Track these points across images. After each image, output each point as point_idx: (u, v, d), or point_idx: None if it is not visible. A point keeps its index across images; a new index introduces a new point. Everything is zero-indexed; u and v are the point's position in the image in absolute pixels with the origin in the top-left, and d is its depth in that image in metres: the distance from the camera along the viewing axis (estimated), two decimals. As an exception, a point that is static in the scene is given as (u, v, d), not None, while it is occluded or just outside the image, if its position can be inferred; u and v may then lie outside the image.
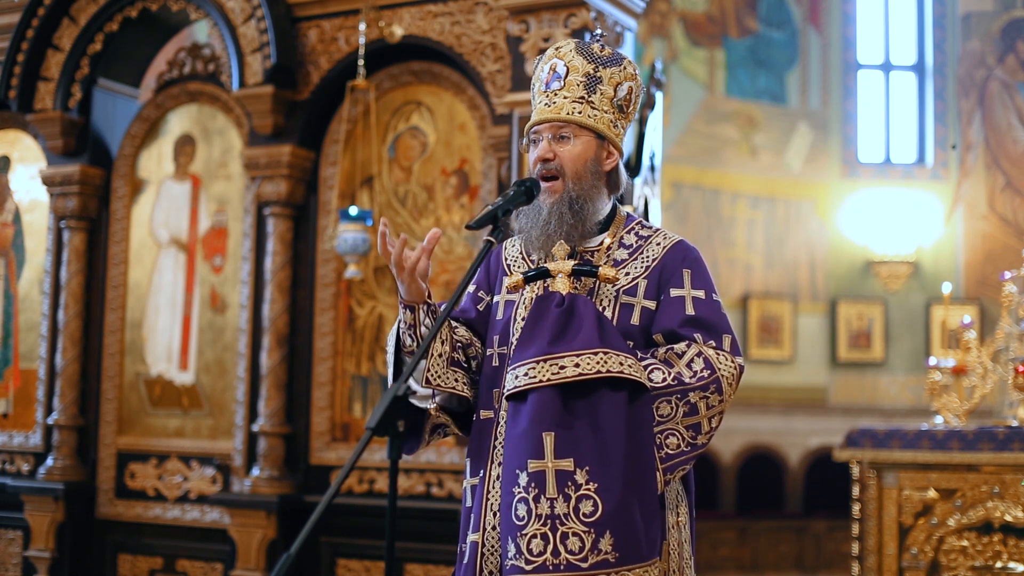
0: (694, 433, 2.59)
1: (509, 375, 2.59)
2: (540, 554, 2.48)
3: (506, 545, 2.53)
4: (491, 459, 2.65)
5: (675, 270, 2.68)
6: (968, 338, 5.72)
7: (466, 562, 2.66)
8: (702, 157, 11.43)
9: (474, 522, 2.65)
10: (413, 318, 2.66)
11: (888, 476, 5.19)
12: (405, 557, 5.58)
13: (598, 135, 2.70)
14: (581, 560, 2.46)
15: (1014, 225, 11.50)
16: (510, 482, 2.54)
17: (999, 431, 5.03)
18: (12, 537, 6.48)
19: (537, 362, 2.53)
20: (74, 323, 6.43)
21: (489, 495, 2.63)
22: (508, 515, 2.53)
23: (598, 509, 2.47)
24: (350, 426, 5.94)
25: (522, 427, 2.54)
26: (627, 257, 2.71)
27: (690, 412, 2.58)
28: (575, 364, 2.52)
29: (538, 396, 2.53)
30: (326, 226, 5.99)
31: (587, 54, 2.71)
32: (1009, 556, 4.95)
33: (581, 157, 2.68)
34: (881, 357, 11.54)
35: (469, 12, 5.68)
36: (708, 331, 2.64)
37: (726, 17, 11.79)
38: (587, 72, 2.69)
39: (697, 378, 2.58)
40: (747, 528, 10.54)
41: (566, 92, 2.69)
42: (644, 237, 2.74)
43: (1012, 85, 11.68)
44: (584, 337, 2.54)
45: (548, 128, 2.69)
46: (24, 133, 6.82)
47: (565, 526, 2.48)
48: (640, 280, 2.68)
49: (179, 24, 6.68)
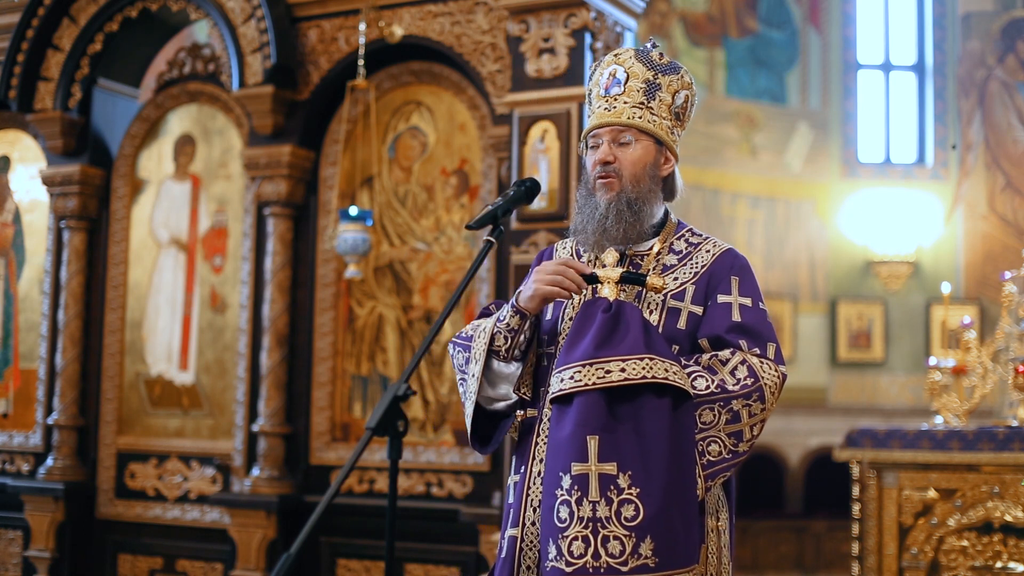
0: (736, 440, 2.60)
1: (554, 378, 2.60)
2: (581, 556, 2.49)
3: (546, 547, 2.54)
4: (532, 456, 2.69)
5: (723, 277, 2.71)
6: (968, 338, 5.72)
7: (504, 556, 2.68)
8: (702, 157, 11.42)
9: (513, 517, 2.68)
10: (520, 324, 2.69)
11: (888, 476, 5.19)
12: (405, 557, 5.58)
13: (657, 140, 2.73)
14: (621, 564, 2.47)
15: (1014, 225, 11.50)
16: (552, 484, 2.56)
17: (999, 431, 5.03)
18: (12, 537, 6.48)
19: (583, 366, 2.55)
20: (74, 323, 6.43)
21: (529, 491, 2.66)
22: (549, 517, 2.54)
23: (639, 514, 2.49)
24: (350, 426, 5.94)
25: (567, 430, 2.55)
26: (676, 263, 2.74)
27: (732, 420, 2.59)
28: (621, 369, 2.53)
29: (583, 400, 2.54)
30: (326, 226, 5.99)
31: (647, 61, 2.74)
32: (1009, 556, 4.95)
33: (641, 161, 2.71)
34: (881, 357, 11.54)
35: (469, 12, 5.68)
36: (753, 338, 2.66)
37: (726, 17, 11.79)
38: (647, 79, 2.73)
39: (740, 386, 2.59)
40: (747, 528, 10.53)
41: (626, 97, 2.72)
42: (694, 244, 2.77)
43: (1012, 85, 11.68)
44: (630, 343, 2.55)
45: (608, 132, 2.72)
46: (24, 133, 6.82)
47: (607, 529, 2.49)
48: (688, 285, 2.71)
49: (179, 24, 6.68)
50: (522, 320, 2.69)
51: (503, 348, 2.70)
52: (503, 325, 2.70)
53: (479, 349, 2.74)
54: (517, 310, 2.69)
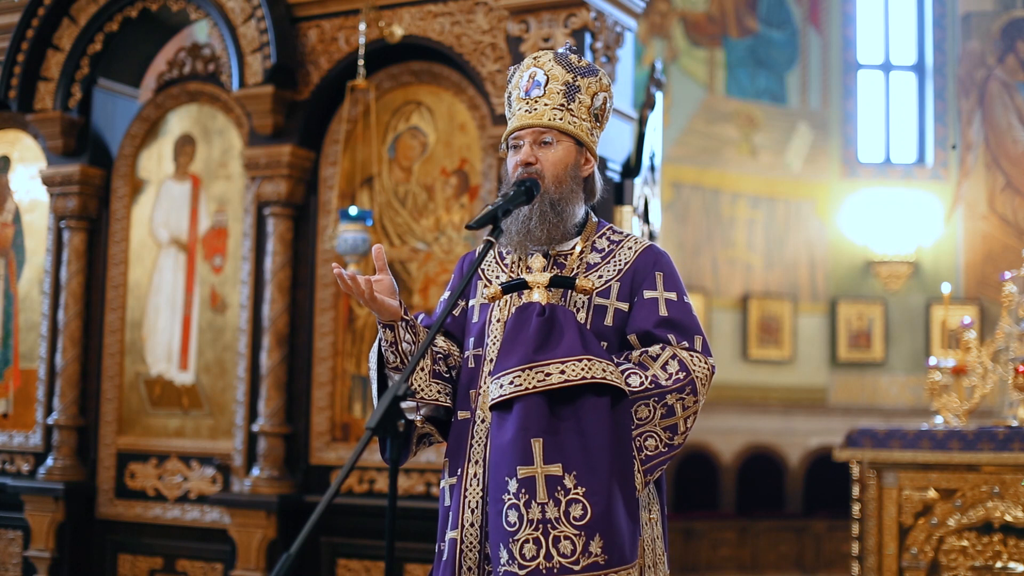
0: (671, 434, 2.65)
1: (493, 385, 2.63)
2: (533, 558, 2.52)
3: (497, 552, 2.57)
4: (468, 458, 2.72)
5: (647, 273, 2.76)
6: (968, 338, 5.72)
7: (445, 559, 2.70)
8: (702, 157, 11.42)
9: (452, 520, 2.71)
10: (393, 336, 2.75)
11: (888, 476, 5.19)
12: (405, 557, 5.58)
13: (577, 141, 2.78)
14: (573, 563, 2.51)
15: (1014, 225, 11.50)
16: (499, 489, 2.58)
17: (999, 431, 5.03)
18: (12, 537, 6.48)
19: (523, 370, 2.58)
20: (74, 323, 6.43)
21: (467, 493, 2.69)
22: (498, 522, 2.57)
23: (587, 513, 2.53)
24: (350, 426, 5.94)
25: (509, 435, 2.58)
26: (600, 261, 2.78)
27: (667, 414, 2.64)
28: (560, 371, 2.57)
29: (524, 404, 2.58)
30: (326, 226, 6.00)
31: (566, 64, 2.79)
32: (1009, 556, 4.95)
33: (562, 162, 2.76)
34: (881, 357, 11.54)
35: (469, 12, 5.68)
36: (681, 332, 2.71)
37: (726, 17, 11.79)
38: (566, 81, 2.77)
39: (673, 380, 2.64)
40: (747, 528, 10.53)
41: (547, 99, 2.76)
42: (616, 242, 2.82)
43: (1012, 85, 11.68)
44: (567, 345, 2.60)
45: (530, 133, 2.76)
46: (24, 133, 6.82)
47: (557, 530, 2.52)
48: (613, 283, 2.75)
49: (179, 24, 6.68)
50: (392, 331, 2.74)
51: (397, 363, 2.76)
52: (384, 343, 2.77)
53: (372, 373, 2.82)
54: (382, 323, 2.76)
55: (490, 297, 2.74)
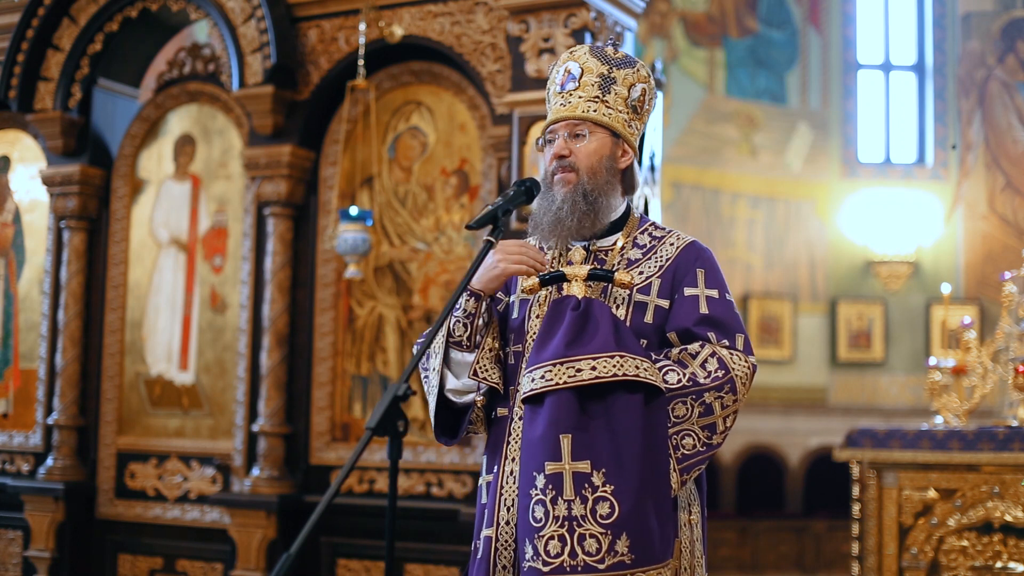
0: (709, 433, 2.61)
1: (525, 378, 2.60)
2: (558, 555, 2.49)
3: (523, 547, 2.55)
4: (504, 456, 2.68)
5: (689, 270, 2.71)
6: (968, 338, 5.72)
7: (480, 557, 2.68)
8: (702, 157, 11.42)
9: (488, 517, 2.67)
10: (477, 307, 2.67)
11: (888, 476, 5.19)
12: (405, 557, 5.58)
13: (613, 133, 2.72)
14: (598, 561, 2.48)
15: (1014, 225, 11.50)
16: (527, 484, 2.55)
17: (999, 431, 5.03)
18: (12, 537, 6.48)
19: (554, 365, 2.54)
20: (74, 323, 6.43)
21: (503, 491, 2.65)
22: (525, 517, 2.54)
23: (614, 511, 2.49)
24: (350, 426, 5.94)
25: (539, 430, 2.55)
26: (641, 257, 2.73)
27: (705, 412, 2.60)
28: (591, 367, 2.53)
29: (555, 399, 2.54)
30: (326, 226, 6.00)
31: (601, 56, 2.74)
32: (1009, 556, 4.95)
33: (596, 153, 2.71)
34: (881, 357, 11.54)
35: (469, 12, 5.68)
36: (722, 330, 2.66)
37: (726, 17, 11.79)
38: (601, 73, 2.72)
39: (712, 378, 2.60)
40: (747, 528, 10.53)
41: (581, 92, 2.72)
42: (658, 238, 2.77)
43: (1012, 85, 11.68)
44: (600, 340, 2.55)
45: (564, 126, 2.72)
46: (24, 133, 6.82)
47: (582, 527, 2.49)
48: (654, 279, 2.70)
49: (179, 24, 6.68)
50: (477, 302, 2.67)
51: (464, 337, 2.69)
52: (459, 313, 2.68)
53: (438, 342, 2.72)
54: (472, 292, 2.67)
55: (528, 289, 2.68)
